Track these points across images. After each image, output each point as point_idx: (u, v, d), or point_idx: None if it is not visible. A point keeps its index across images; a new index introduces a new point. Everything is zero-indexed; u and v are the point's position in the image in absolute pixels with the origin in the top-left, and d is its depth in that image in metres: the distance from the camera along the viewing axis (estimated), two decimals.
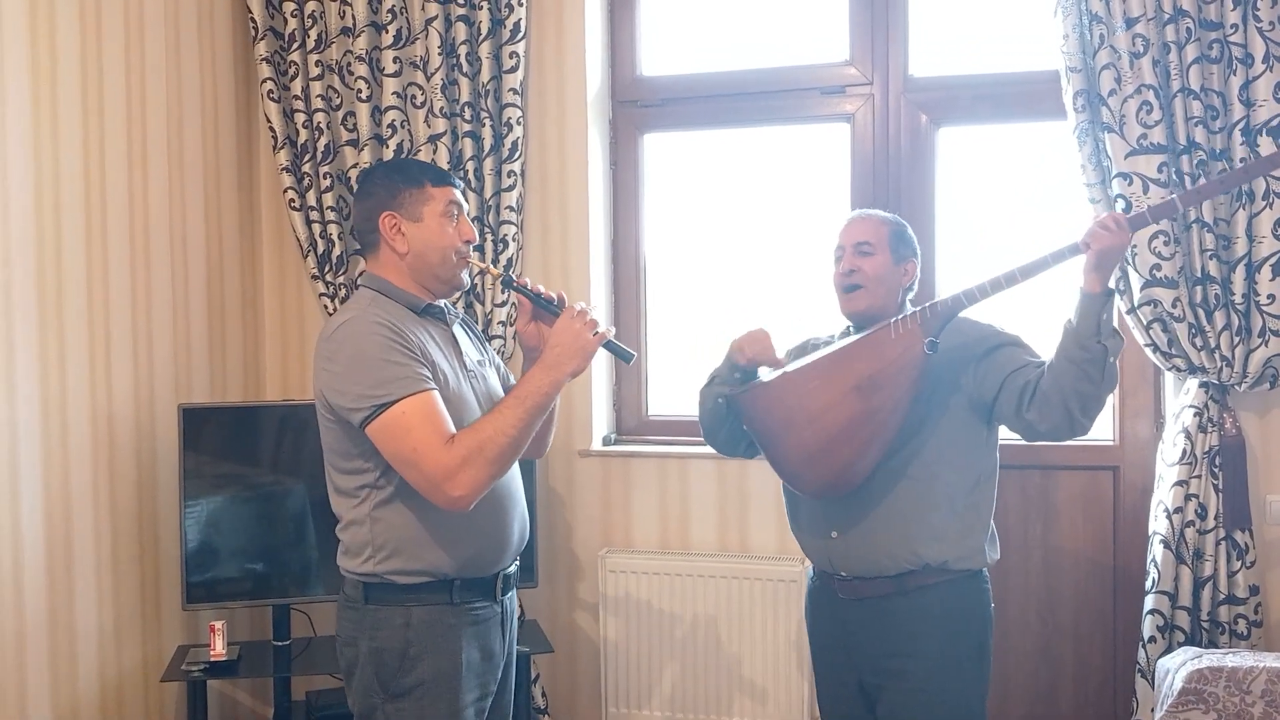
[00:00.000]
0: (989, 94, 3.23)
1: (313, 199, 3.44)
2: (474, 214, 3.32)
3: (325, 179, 3.41)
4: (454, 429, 1.97)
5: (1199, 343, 2.84)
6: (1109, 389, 2.14)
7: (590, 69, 3.42)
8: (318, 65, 3.40)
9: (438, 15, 3.28)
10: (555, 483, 3.45)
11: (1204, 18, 2.80)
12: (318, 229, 3.43)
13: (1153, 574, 2.91)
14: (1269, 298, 2.78)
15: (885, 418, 2.18)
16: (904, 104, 3.29)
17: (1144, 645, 2.90)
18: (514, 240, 3.32)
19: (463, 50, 3.28)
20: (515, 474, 2.16)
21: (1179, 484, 2.87)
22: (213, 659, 2.99)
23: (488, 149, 3.31)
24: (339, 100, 3.42)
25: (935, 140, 3.29)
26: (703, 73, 3.49)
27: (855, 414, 2.17)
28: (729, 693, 3.24)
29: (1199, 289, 2.84)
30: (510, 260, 3.32)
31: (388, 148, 3.35)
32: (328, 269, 3.44)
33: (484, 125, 3.31)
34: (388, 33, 3.32)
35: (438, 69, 3.29)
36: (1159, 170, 2.80)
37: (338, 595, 2.13)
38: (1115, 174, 2.85)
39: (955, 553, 2.25)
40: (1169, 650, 2.84)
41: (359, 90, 3.36)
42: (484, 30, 3.27)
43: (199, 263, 3.33)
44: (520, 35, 3.28)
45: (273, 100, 3.44)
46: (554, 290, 2.19)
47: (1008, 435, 2.31)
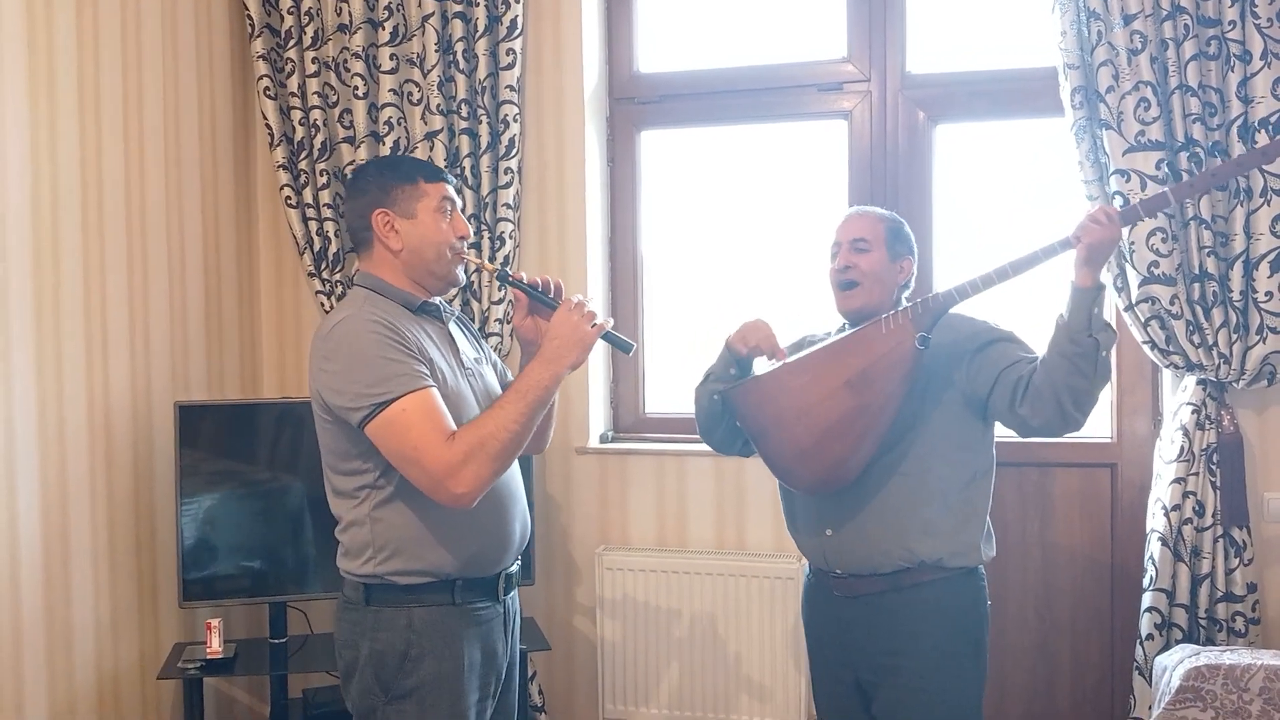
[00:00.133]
0: (986, 91, 3.22)
1: (309, 196, 3.43)
2: (471, 211, 3.31)
3: (322, 176, 3.40)
4: (454, 426, 1.95)
5: (1197, 340, 2.84)
6: (1101, 383, 2.14)
7: (587, 66, 3.41)
8: (314, 62, 3.39)
9: (434, 12, 3.28)
10: (552, 480, 3.45)
11: (1202, 14, 2.79)
12: (314, 226, 3.43)
13: (1150, 571, 2.90)
14: (1267, 294, 2.78)
15: (876, 413, 2.17)
16: (901, 101, 3.28)
17: (1141, 642, 2.90)
18: (511, 237, 3.31)
19: (459, 47, 3.28)
20: (515, 472, 2.14)
21: (1177, 481, 2.87)
22: (209, 656, 2.98)
23: (485, 146, 3.30)
24: (335, 97, 3.41)
25: (933, 137, 3.29)
26: (700, 70, 3.49)
27: (846, 410, 2.17)
28: (726, 690, 3.24)
29: (1197, 286, 2.83)
30: (508, 257, 3.31)
31: (384, 145, 3.34)
32: (324, 266, 3.43)
33: (481, 122, 3.30)
34: (384, 29, 3.32)
35: (434, 66, 3.29)
36: (1157, 167, 2.80)
37: (335, 593, 2.12)
38: (1113, 171, 2.85)
39: (950, 549, 2.25)
40: (1166, 647, 2.84)
41: (355, 87, 3.35)
42: (481, 27, 3.27)
43: (196, 260, 3.32)
44: (517, 32, 3.27)
45: (269, 97, 3.44)
46: (551, 279, 2.18)
47: (1005, 432, 2.31)
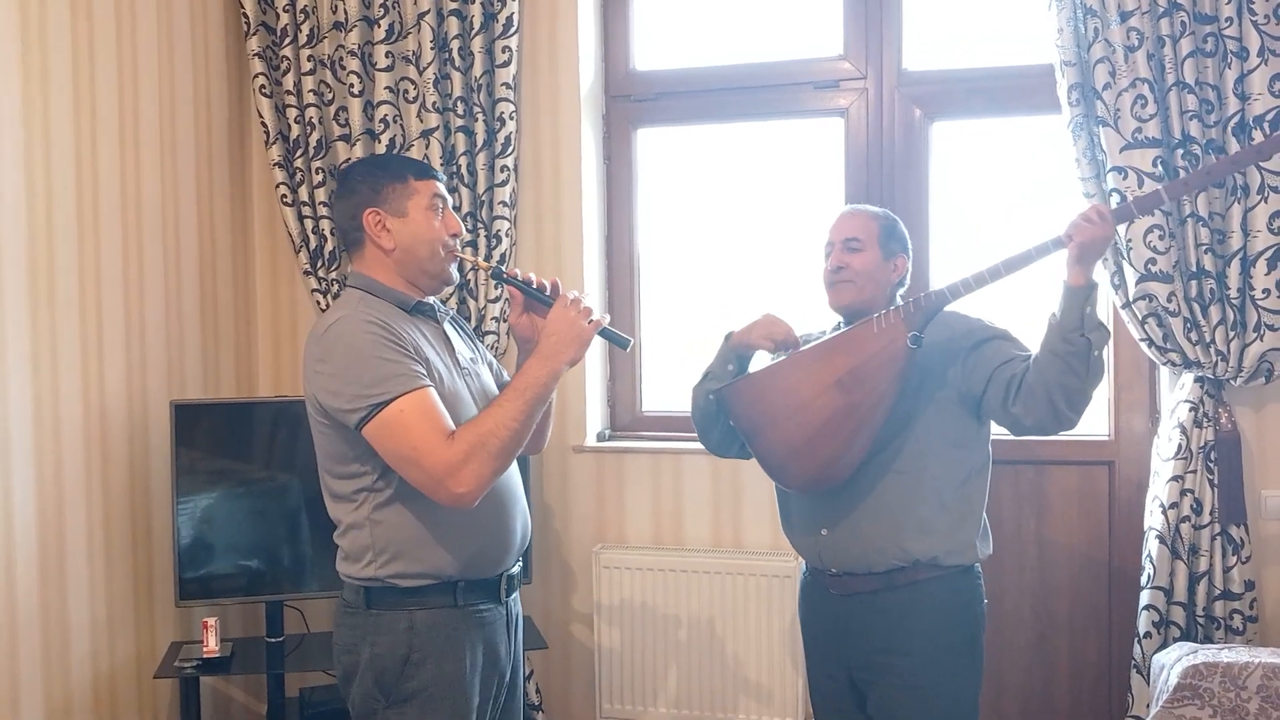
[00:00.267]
0: (983, 88, 3.22)
1: (305, 194, 3.43)
2: (467, 209, 3.31)
3: (317, 174, 3.40)
4: (453, 425, 1.93)
5: (1194, 337, 2.83)
6: (1094, 382, 2.13)
7: (583, 63, 3.40)
8: (310, 60, 3.39)
9: (430, 10, 3.27)
10: (549, 479, 3.44)
11: (1199, 11, 2.79)
12: (310, 224, 3.43)
13: (1148, 569, 2.90)
14: (1264, 292, 2.77)
15: (868, 412, 2.17)
16: (898, 98, 3.28)
17: (1139, 641, 2.90)
18: (507, 236, 3.31)
19: (455, 45, 3.27)
20: (515, 472, 2.12)
21: (1174, 479, 2.86)
22: (206, 656, 2.98)
23: (480, 144, 3.30)
24: (331, 95, 3.41)
25: (929, 135, 3.28)
26: (696, 67, 3.48)
27: (837, 409, 2.16)
28: (723, 688, 3.23)
29: (1194, 283, 2.83)
30: (504, 255, 3.30)
31: (380, 142, 3.33)
32: (320, 264, 3.43)
33: (477, 120, 3.30)
34: (380, 27, 3.31)
35: (430, 64, 3.28)
36: (1154, 164, 2.79)
37: (332, 592, 2.10)
38: (1110, 168, 2.84)
39: (945, 547, 2.24)
40: (1164, 646, 2.84)
41: (351, 85, 3.34)
42: (476, 25, 3.26)
43: (191, 258, 3.32)
44: (513, 30, 3.26)
45: (265, 95, 3.43)
46: (546, 278, 2.17)
47: (1001, 430, 2.30)
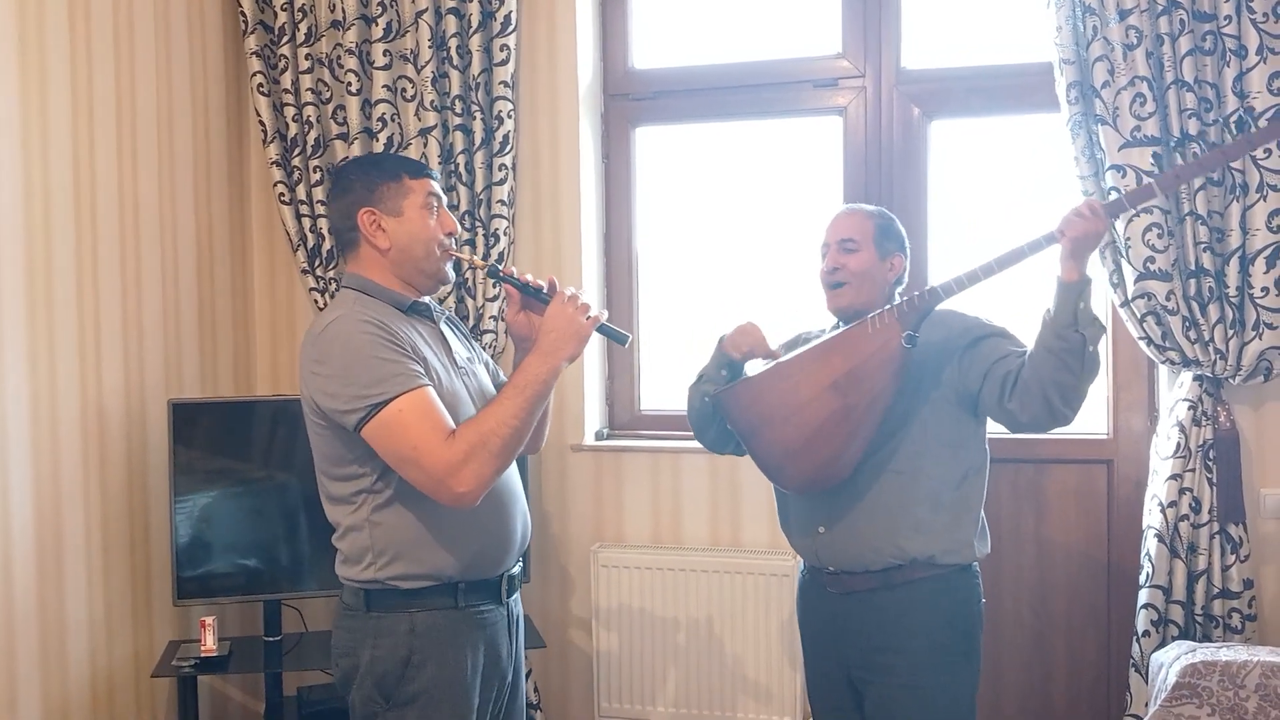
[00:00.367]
0: (982, 86, 3.21)
1: (303, 193, 3.42)
2: (465, 208, 3.30)
3: (315, 173, 3.39)
4: (453, 424, 1.92)
5: (1193, 336, 2.83)
6: (1090, 378, 2.12)
7: (581, 62, 3.40)
8: (307, 59, 3.38)
9: (428, 8, 3.26)
10: (547, 478, 3.44)
11: (1197, 9, 2.78)
12: (307, 223, 3.42)
13: (1146, 568, 2.90)
14: (1263, 290, 2.77)
15: (864, 413, 2.17)
16: (896, 97, 3.27)
17: (1138, 639, 2.90)
18: (505, 234, 3.30)
19: (453, 43, 3.26)
20: (514, 471, 2.11)
21: (1173, 478, 2.86)
22: (203, 654, 2.98)
23: (478, 142, 3.29)
24: (329, 94, 3.40)
25: (928, 133, 3.27)
26: (695, 66, 3.48)
27: (833, 411, 2.16)
28: (721, 687, 3.23)
29: (1193, 282, 2.82)
30: (502, 254, 3.30)
31: (378, 141, 3.33)
32: (318, 263, 3.42)
33: (475, 119, 3.29)
34: (377, 26, 3.31)
35: (428, 62, 3.28)
36: (1153, 162, 2.79)
37: (329, 591, 2.09)
38: (1109, 166, 2.84)
39: (942, 547, 2.24)
40: (1163, 644, 2.84)
41: (349, 84, 3.34)
42: (474, 23, 3.26)
43: (189, 257, 3.31)
44: (511, 28, 3.26)
45: (262, 94, 3.43)
46: (544, 277, 2.16)
47: (1000, 428, 2.29)
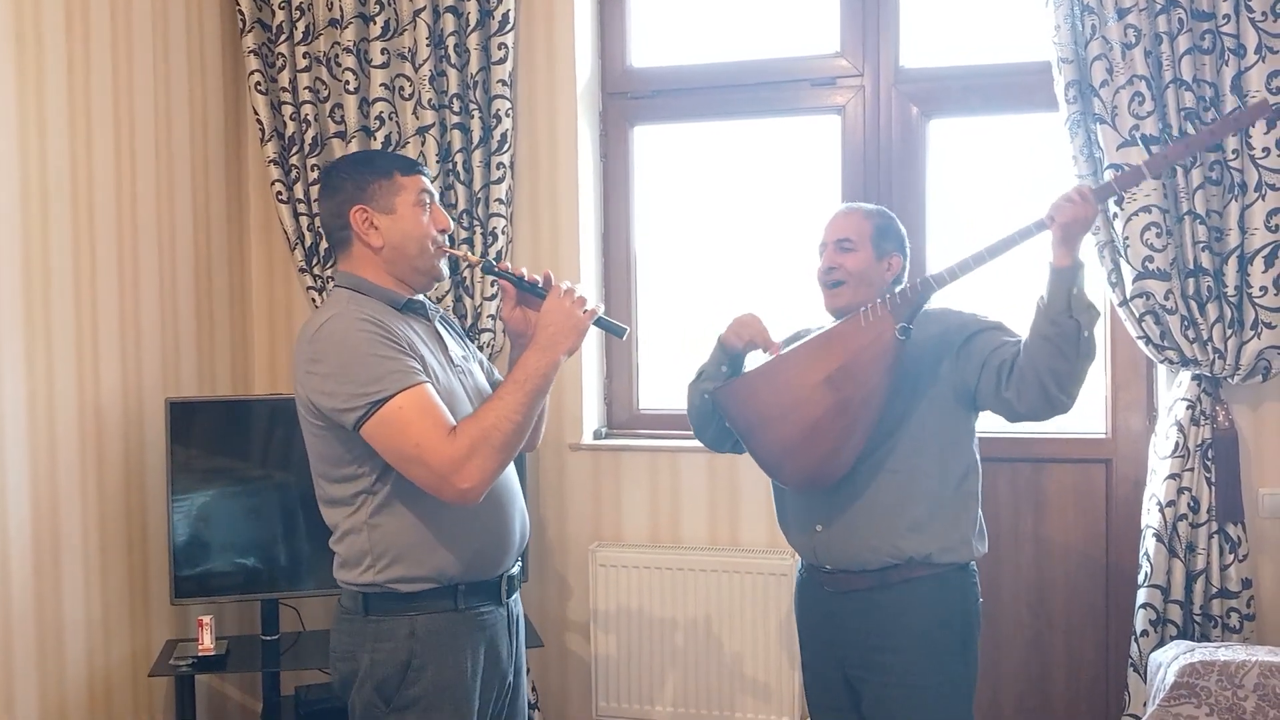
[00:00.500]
0: (980, 85, 3.21)
1: (300, 191, 3.42)
2: (463, 206, 3.30)
3: (313, 171, 3.39)
4: (453, 420, 1.90)
5: (1191, 335, 2.83)
6: (1086, 363, 2.11)
7: (580, 60, 3.39)
8: (305, 57, 3.37)
9: (426, 6, 3.26)
10: (546, 477, 3.43)
11: (1196, 8, 2.78)
12: (305, 222, 3.42)
13: (1145, 567, 2.89)
14: (1261, 290, 2.77)
15: (860, 407, 2.16)
16: (895, 96, 3.27)
17: (1136, 639, 2.89)
18: (503, 233, 3.30)
19: (451, 41, 3.26)
20: (512, 471, 2.10)
21: (1171, 477, 2.86)
22: (201, 654, 2.97)
23: (476, 141, 3.29)
24: (326, 92, 3.40)
25: (926, 132, 3.27)
26: (693, 64, 3.47)
27: (829, 406, 2.16)
28: (720, 686, 3.23)
29: (1191, 281, 2.82)
30: (500, 253, 3.29)
31: (375, 139, 3.33)
32: (315, 262, 3.42)
33: (473, 117, 3.29)
34: (375, 24, 3.30)
35: (426, 60, 3.27)
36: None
37: (327, 590, 2.07)
38: (1107, 165, 2.83)
39: (939, 545, 2.24)
40: (1161, 644, 2.83)
41: (347, 82, 3.34)
42: (472, 21, 3.25)
43: (187, 255, 3.31)
44: (509, 26, 3.25)
45: (260, 93, 3.42)
46: (539, 272, 2.15)
47: (999, 427, 2.29)
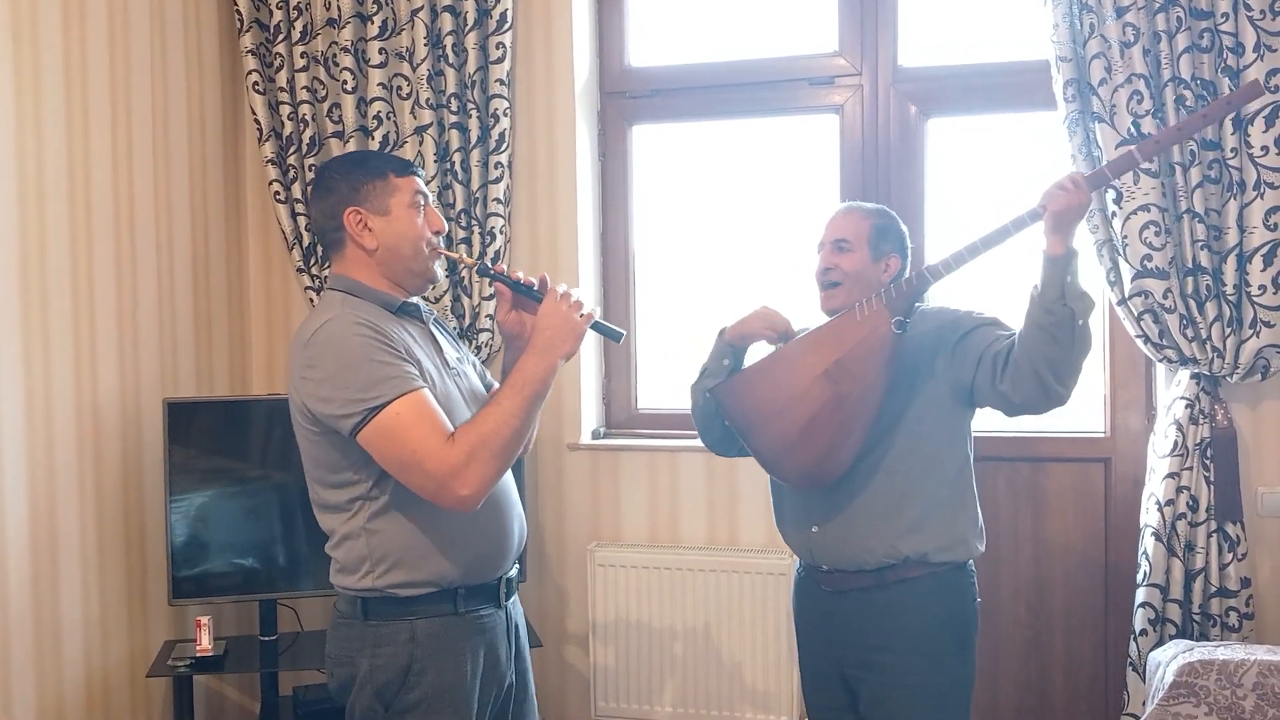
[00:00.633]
0: (979, 84, 3.20)
1: (298, 191, 3.42)
2: (461, 206, 3.29)
3: (311, 171, 3.38)
4: (451, 426, 1.89)
5: (1190, 334, 2.83)
6: (1082, 353, 2.10)
7: (578, 60, 3.39)
8: (303, 57, 3.37)
9: (423, 6, 3.25)
10: (544, 477, 3.43)
11: (1194, 6, 2.78)
12: (303, 222, 3.41)
13: (1144, 566, 2.89)
14: (1260, 288, 2.76)
15: (858, 402, 2.16)
16: (893, 95, 3.27)
17: (1135, 638, 2.89)
18: (501, 233, 3.29)
19: (449, 41, 3.25)
20: (509, 473, 2.09)
21: (1170, 476, 2.86)
22: (199, 654, 2.97)
23: (474, 140, 3.28)
24: (324, 92, 3.39)
25: (925, 131, 3.27)
26: (691, 64, 3.47)
27: (826, 400, 2.15)
28: (718, 685, 3.22)
29: (1190, 280, 2.82)
30: (498, 253, 3.29)
31: (373, 139, 3.32)
32: (313, 262, 3.42)
33: (471, 116, 3.28)
34: (373, 24, 3.30)
35: (423, 60, 3.27)
36: (1150, 159, 2.78)
37: (325, 590, 2.05)
38: (1105, 163, 2.83)
39: (936, 544, 2.23)
40: (1160, 643, 2.83)
41: (344, 82, 3.33)
42: (470, 20, 3.25)
43: (184, 255, 3.30)
44: (507, 25, 3.25)
45: (258, 92, 3.42)
46: (539, 275, 2.14)
47: (998, 425, 2.29)
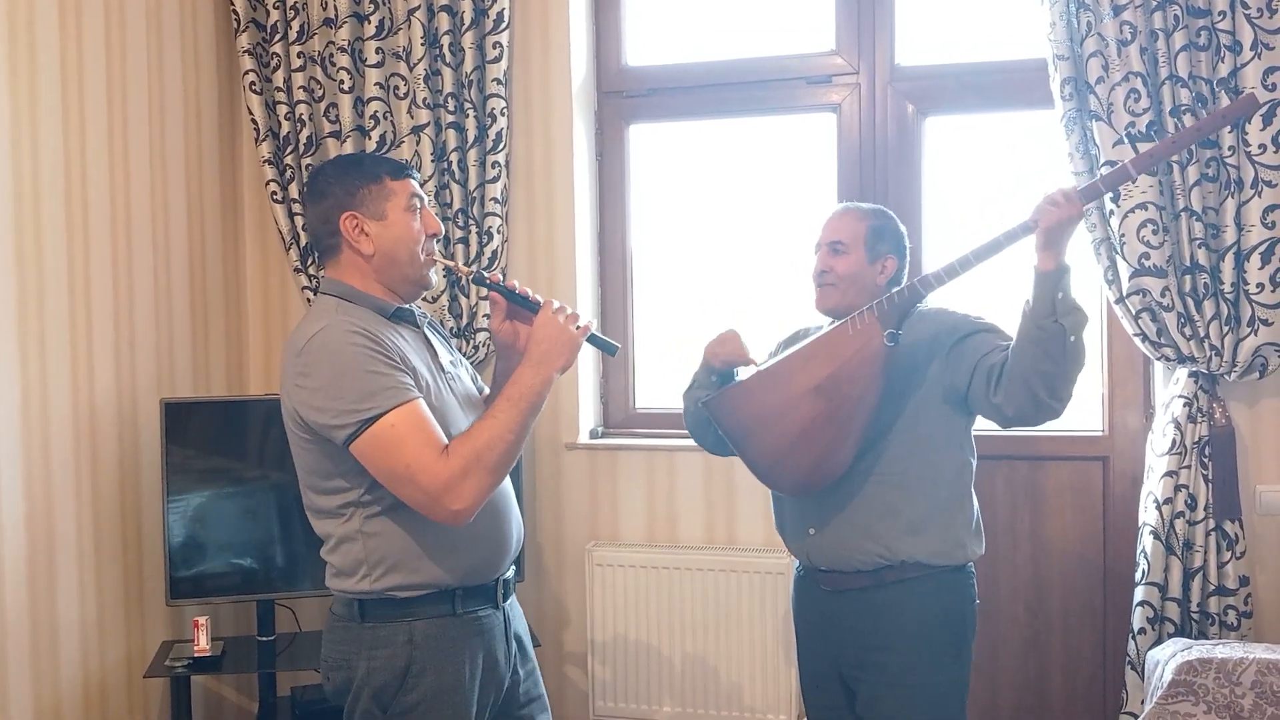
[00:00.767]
0: (976, 83, 3.20)
1: (295, 191, 3.41)
2: (458, 206, 3.29)
3: (307, 171, 3.38)
4: (445, 438, 1.88)
5: (1188, 332, 2.82)
6: (1075, 368, 2.08)
7: (575, 59, 3.39)
8: (300, 57, 3.37)
9: (420, 5, 3.25)
10: (542, 476, 3.43)
11: (1191, 5, 2.77)
12: (300, 222, 3.41)
13: (1142, 565, 2.89)
14: (1258, 286, 2.76)
15: (849, 415, 2.15)
16: (890, 93, 3.26)
17: (1134, 637, 2.89)
18: (499, 233, 3.29)
19: (445, 40, 3.25)
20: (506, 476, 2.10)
21: (1169, 475, 2.85)
22: (197, 655, 2.97)
23: (472, 140, 3.28)
24: (321, 92, 3.39)
25: (922, 130, 3.26)
26: (689, 63, 3.47)
27: (817, 415, 2.14)
28: (716, 685, 3.22)
29: (1188, 278, 2.81)
30: (496, 253, 3.29)
31: (370, 139, 3.32)
32: (310, 262, 3.41)
33: (468, 116, 3.28)
34: (370, 23, 3.29)
35: (420, 59, 3.26)
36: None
37: (323, 590, 2.03)
38: (1103, 162, 2.83)
39: (932, 548, 2.23)
40: (1159, 642, 2.83)
41: (341, 81, 3.33)
42: (467, 20, 3.24)
43: (181, 256, 3.30)
44: (504, 25, 3.25)
45: (255, 92, 3.41)
46: (539, 274, 2.14)
47: (992, 425, 2.28)
